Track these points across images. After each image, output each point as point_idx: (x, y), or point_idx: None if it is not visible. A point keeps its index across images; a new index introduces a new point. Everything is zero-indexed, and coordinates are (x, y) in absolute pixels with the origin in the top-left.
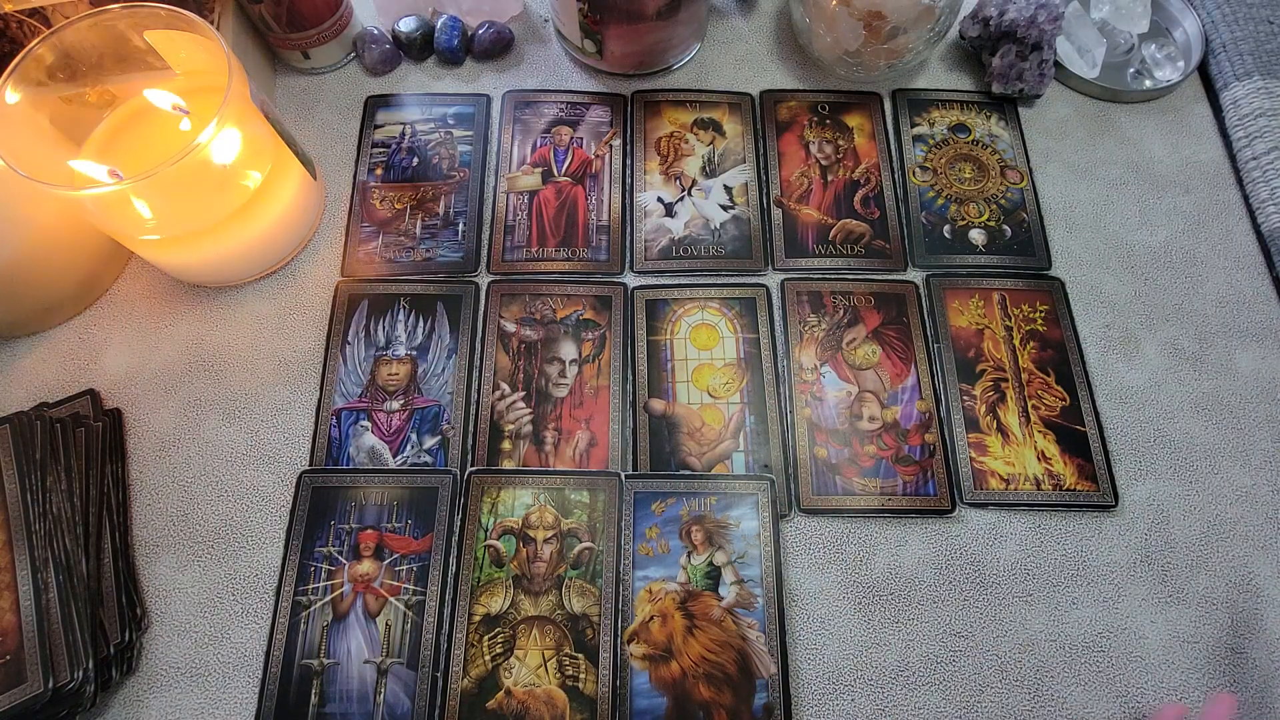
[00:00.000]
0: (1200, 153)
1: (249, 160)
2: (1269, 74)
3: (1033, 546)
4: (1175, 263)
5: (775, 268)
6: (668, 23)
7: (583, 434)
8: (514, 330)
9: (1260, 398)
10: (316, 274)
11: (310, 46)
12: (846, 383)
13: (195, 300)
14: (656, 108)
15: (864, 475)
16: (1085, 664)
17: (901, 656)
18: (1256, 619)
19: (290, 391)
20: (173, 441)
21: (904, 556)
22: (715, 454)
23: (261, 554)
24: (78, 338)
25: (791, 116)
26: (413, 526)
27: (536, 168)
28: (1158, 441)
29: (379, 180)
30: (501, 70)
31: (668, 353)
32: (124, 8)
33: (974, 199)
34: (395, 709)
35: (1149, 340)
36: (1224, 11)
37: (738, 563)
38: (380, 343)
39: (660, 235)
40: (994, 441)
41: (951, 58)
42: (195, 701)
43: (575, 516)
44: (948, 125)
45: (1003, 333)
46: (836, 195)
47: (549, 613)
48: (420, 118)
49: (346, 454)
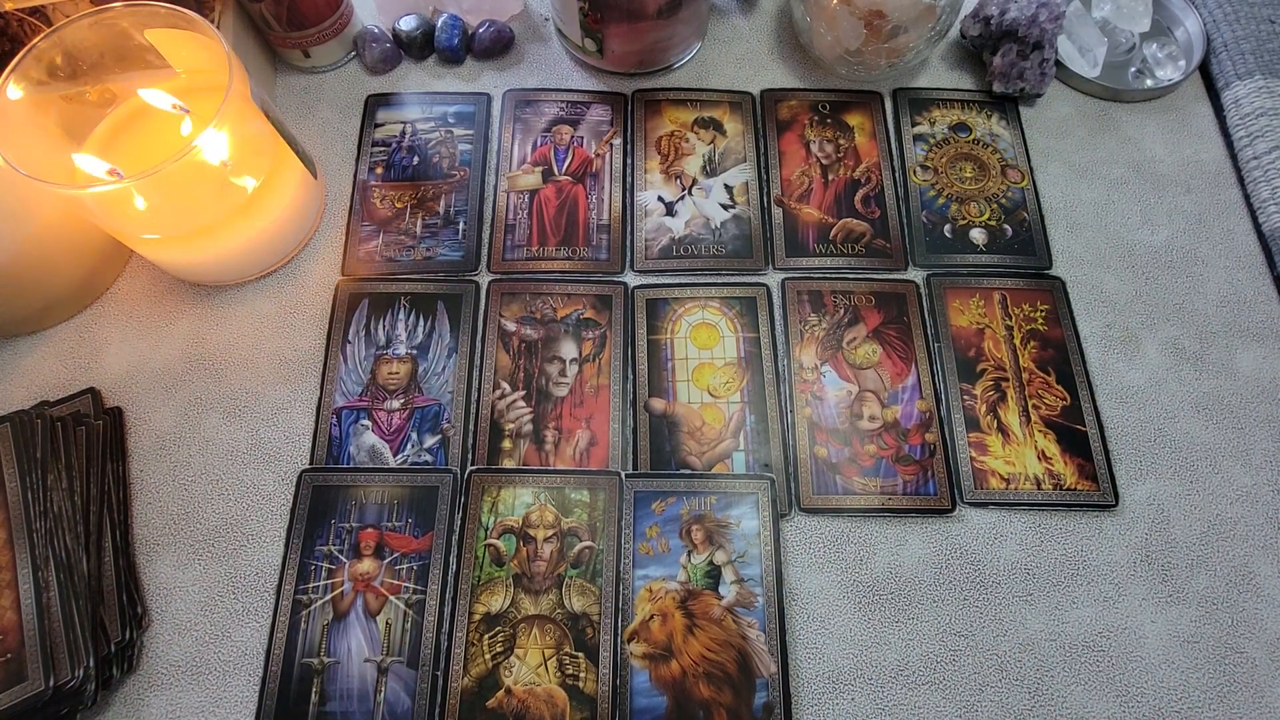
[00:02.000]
0: (1201, 152)
1: (249, 159)
2: (1270, 73)
3: (1033, 546)
4: (1176, 262)
5: (776, 267)
6: (668, 22)
7: (583, 433)
8: (514, 329)
9: (1261, 397)
10: (317, 273)
11: (311, 45)
12: (847, 382)
13: (196, 299)
14: (657, 107)
15: (864, 475)
16: (1085, 663)
17: (901, 656)
18: (1256, 619)
19: (291, 390)
20: (173, 440)
21: (904, 556)
22: (715, 453)
23: (262, 552)
24: (78, 336)
25: (792, 115)
26: (413, 525)
27: (537, 167)
28: (1158, 441)
29: (379, 179)
30: (502, 69)
31: (668, 352)
32: (125, 6)
33: (975, 198)
34: (395, 707)
35: (1150, 340)
36: (1225, 11)
37: (738, 562)
38: (381, 342)
39: (661, 234)
40: (994, 441)
41: (952, 57)
42: (196, 700)
43: (575, 515)
44: (948, 124)
45: (1003, 332)
46: (837, 194)
47: (549, 612)
48: (421, 117)
49: (347, 453)
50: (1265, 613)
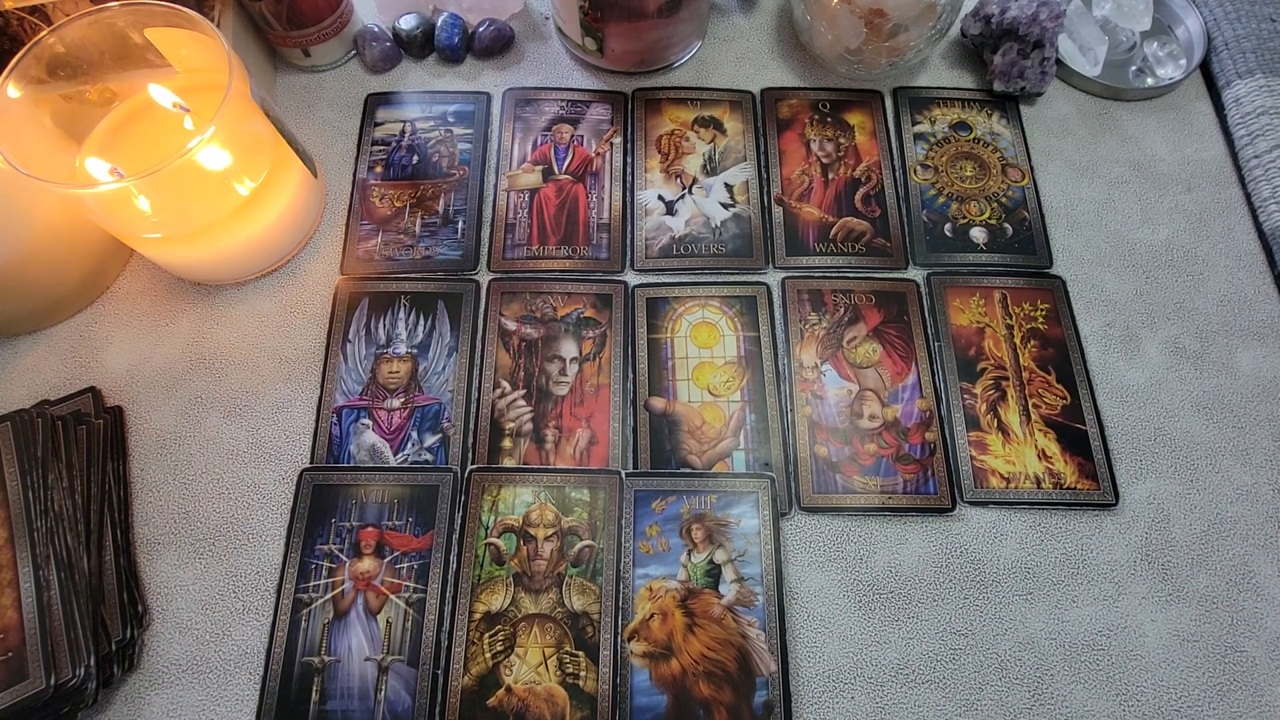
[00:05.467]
0: (1202, 151)
1: (249, 158)
2: (1271, 72)
3: (1033, 545)
4: (1176, 261)
5: (776, 266)
6: (669, 20)
7: (583, 432)
8: (514, 328)
9: (1261, 396)
10: (317, 272)
11: (311, 44)
12: (847, 381)
13: (196, 298)
14: (657, 105)
15: (864, 473)
16: (1085, 662)
17: (901, 655)
18: (1256, 617)
19: (291, 389)
20: (174, 439)
21: (904, 555)
22: (716, 452)
23: (262, 551)
24: (79, 335)
25: (792, 114)
26: (413, 524)
27: (537, 166)
28: (1158, 440)
29: (378, 178)
30: (502, 68)
31: (668, 351)
32: (124, 5)
33: (975, 197)
34: (396, 706)
35: (1150, 339)
36: (1226, 9)
37: (738, 561)
38: (381, 340)
39: (661, 233)
40: (994, 440)
41: (953, 55)
42: (196, 698)
43: (576, 514)
44: (949, 123)
45: (1004, 331)
46: (837, 193)
47: (549, 610)
48: (420, 116)
49: (347, 452)
50: (1265, 611)
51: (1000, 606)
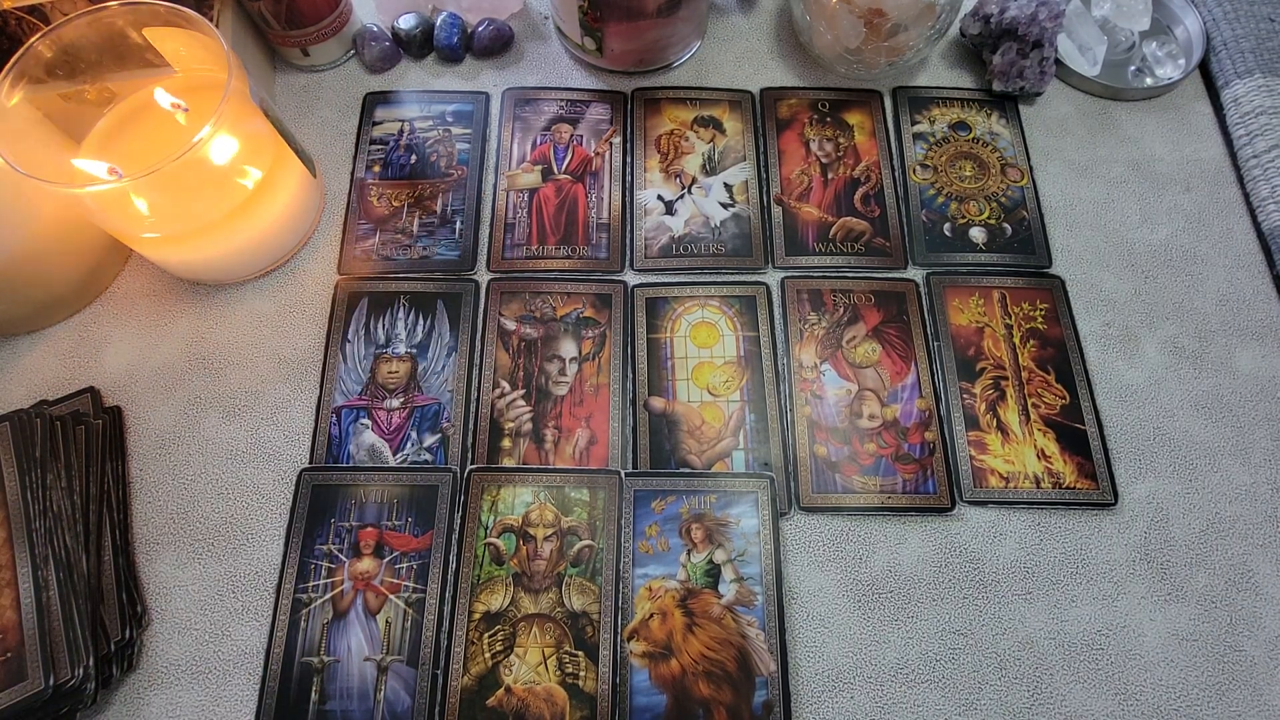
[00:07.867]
0: (1201, 151)
1: (248, 158)
2: (1270, 72)
3: (1032, 544)
4: (1175, 261)
5: (775, 266)
6: (668, 20)
7: (583, 432)
8: (514, 328)
9: (1260, 396)
10: (316, 271)
11: (310, 44)
12: (846, 381)
13: (195, 298)
14: (657, 105)
15: (864, 473)
16: (1084, 662)
17: (901, 654)
18: (1255, 617)
19: (290, 389)
20: (173, 439)
21: (903, 554)
22: (715, 452)
23: (262, 551)
24: (78, 335)
25: (792, 114)
26: (413, 524)
27: (536, 165)
28: (1157, 440)
29: (376, 177)
30: (501, 68)
31: (668, 351)
32: (123, 5)
33: (974, 197)
34: (395, 706)
35: (1149, 338)
36: (1225, 9)
37: (737, 560)
38: (380, 340)
39: (660, 233)
40: (994, 440)
41: (952, 55)
42: (196, 698)
43: (575, 514)
44: (948, 123)
45: (1003, 331)
46: (837, 193)
47: (549, 610)
48: (419, 115)
49: (346, 452)
50: (1264, 611)
51: (999, 606)
